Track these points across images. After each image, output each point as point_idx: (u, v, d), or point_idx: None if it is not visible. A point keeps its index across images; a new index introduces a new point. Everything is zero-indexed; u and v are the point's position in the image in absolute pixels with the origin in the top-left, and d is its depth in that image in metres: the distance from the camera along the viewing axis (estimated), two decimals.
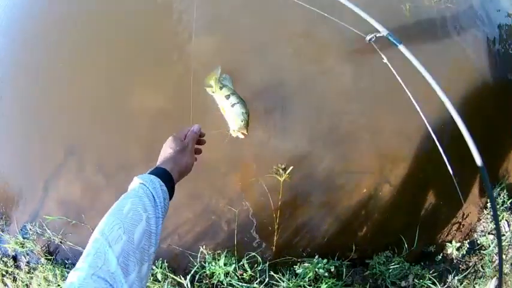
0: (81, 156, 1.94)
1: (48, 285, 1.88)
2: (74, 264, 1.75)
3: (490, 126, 1.97)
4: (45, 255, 1.93)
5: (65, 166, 1.94)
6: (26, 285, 1.96)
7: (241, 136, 1.54)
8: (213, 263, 1.61)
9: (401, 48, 1.29)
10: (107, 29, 2.17)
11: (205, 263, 1.64)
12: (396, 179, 1.57)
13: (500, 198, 1.86)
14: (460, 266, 1.76)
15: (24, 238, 1.96)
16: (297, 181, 1.66)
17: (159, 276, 1.67)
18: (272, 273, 1.59)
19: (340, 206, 1.65)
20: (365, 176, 1.67)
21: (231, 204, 1.69)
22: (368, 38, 1.36)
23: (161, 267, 1.68)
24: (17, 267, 2.01)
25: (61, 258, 1.92)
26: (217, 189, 1.75)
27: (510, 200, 1.85)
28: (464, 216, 1.77)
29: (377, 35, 1.34)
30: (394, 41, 1.30)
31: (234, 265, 1.59)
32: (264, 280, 1.57)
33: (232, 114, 1.53)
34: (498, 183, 1.89)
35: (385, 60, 1.32)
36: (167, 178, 0.87)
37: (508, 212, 1.87)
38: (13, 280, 1.97)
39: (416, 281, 1.63)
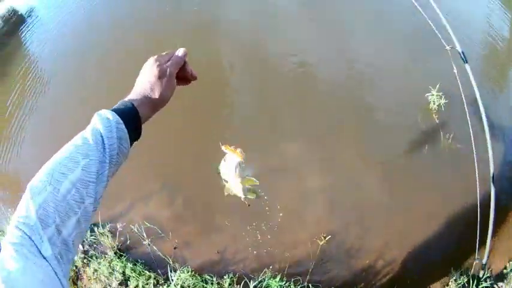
0: (173, 189, 2.94)
1: (110, 272, 2.61)
2: (144, 264, 2.66)
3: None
4: (118, 251, 2.69)
5: (157, 193, 2.94)
6: (76, 266, 2.68)
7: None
8: (271, 279, 2.45)
9: (467, 67, 1.91)
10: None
11: (264, 279, 2.47)
12: (399, 253, 2.45)
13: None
14: None
15: (101, 234, 2.74)
16: (331, 245, 2.60)
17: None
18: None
19: (357, 265, 2.56)
20: (377, 248, 2.58)
21: (286, 252, 2.60)
22: (448, 47, 2.01)
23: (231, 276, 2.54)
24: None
25: (133, 258, 2.72)
26: (274, 243, 2.67)
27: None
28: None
29: (455, 47, 2.02)
30: (463, 58, 1.94)
31: (284, 282, 2.42)
32: None
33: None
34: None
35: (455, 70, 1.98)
36: (131, 115, 0.79)
37: None
38: None
39: None
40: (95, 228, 2.84)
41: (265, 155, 3.04)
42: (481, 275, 2.42)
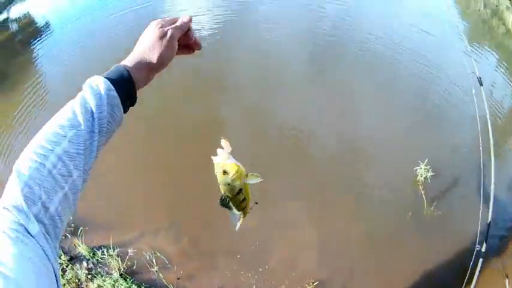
0: (181, 227, 3.25)
1: None
2: None
3: None
4: (123, 273, 2.89)
5: (165, 229, 3.23)
6: (78, 279, 2.86)
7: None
8: None
9: (482, 88, 2.41)
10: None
11: None
12: None
13: None
14: None
15: (109, 256, 2.94)
16: None
17: None
18: None
19: None
20: None
21: None
22: (470, 71, 2.60)
23: None
24: (73, 264, 2.93)
25: (138, 282, 2.95)
26: (267, 285, 3.00)
27: None
28: None
29: (474, 73, 2.54)
30: (479, 81, 2.44)
31: None
32: None
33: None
34: None
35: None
36: (124, 81, 0.77)
37: None
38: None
39: None
40: (105, 250, 3.00)
41: (261, 211, 3.47)
42: None
